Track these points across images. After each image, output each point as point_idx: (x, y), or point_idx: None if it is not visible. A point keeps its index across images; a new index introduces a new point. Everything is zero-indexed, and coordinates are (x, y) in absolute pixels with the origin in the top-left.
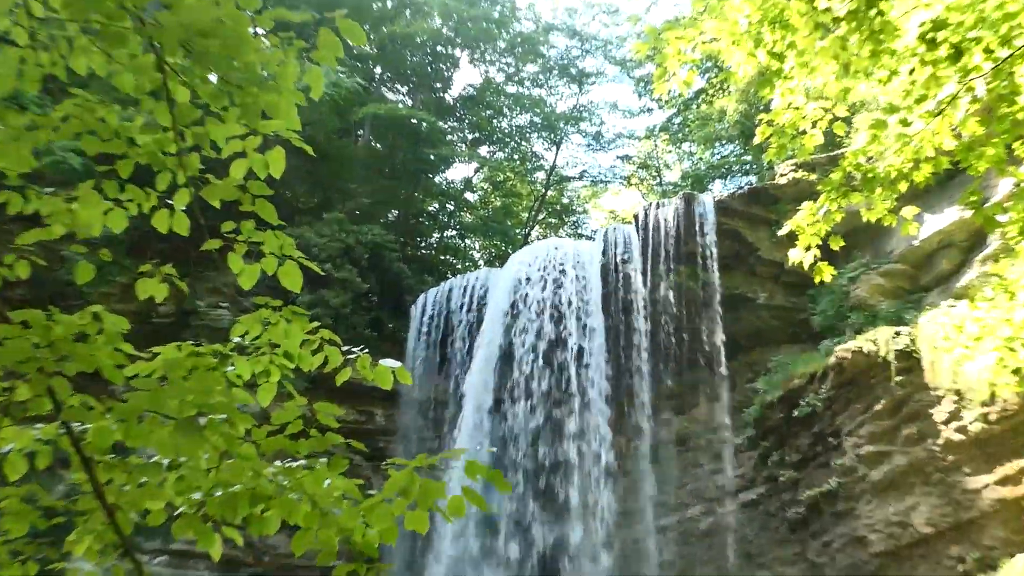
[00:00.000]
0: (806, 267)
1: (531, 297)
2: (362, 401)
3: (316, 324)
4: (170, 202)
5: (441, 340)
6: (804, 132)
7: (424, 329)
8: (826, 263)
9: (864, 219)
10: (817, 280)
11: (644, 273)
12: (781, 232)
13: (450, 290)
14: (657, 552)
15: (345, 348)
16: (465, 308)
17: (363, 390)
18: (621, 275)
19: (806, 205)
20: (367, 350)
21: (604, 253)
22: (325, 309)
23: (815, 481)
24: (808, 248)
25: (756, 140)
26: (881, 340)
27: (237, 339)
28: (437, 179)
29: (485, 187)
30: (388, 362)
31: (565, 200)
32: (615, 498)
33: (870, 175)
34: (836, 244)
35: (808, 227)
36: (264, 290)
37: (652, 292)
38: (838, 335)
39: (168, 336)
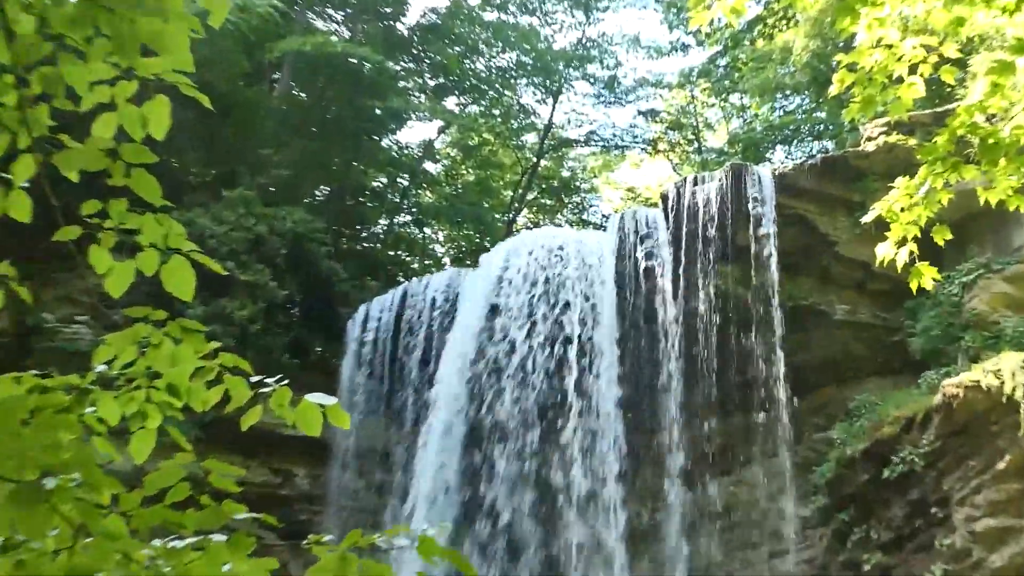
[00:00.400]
0: (899, 268)
1: (516, 310)
2: (278, 455)
3: (215, 345)
4: (6, 175)
5: (390, 369)
6: (900, 80)
7: (366, 354)
8: (927, 264)
9: (982, 202)
10: (915, 287)
11: (675, 276)
12: (866, 219)
13: (403, 299)
14: None
15: (254, 379)
16: (424, 325)
17: (279, 440)
18: (643, 279)
19: (900, 182)
20: (287, 382)
21: (619, 248)
22: (226, 326)
23: (914, 569)
24: (902, 243)
25: (833, 91)
26: (1007, 371)
27: (101, 367)
28: (385, 143)
29: (452, 154)
30: (316, 397)
31: (565, 173)
32: None
33: (990, 140)
34: (942, 237)
35: (903, 213)
36: (141, 298)
37: (686, 303)
38: (946, 364)
39: (1, 364)
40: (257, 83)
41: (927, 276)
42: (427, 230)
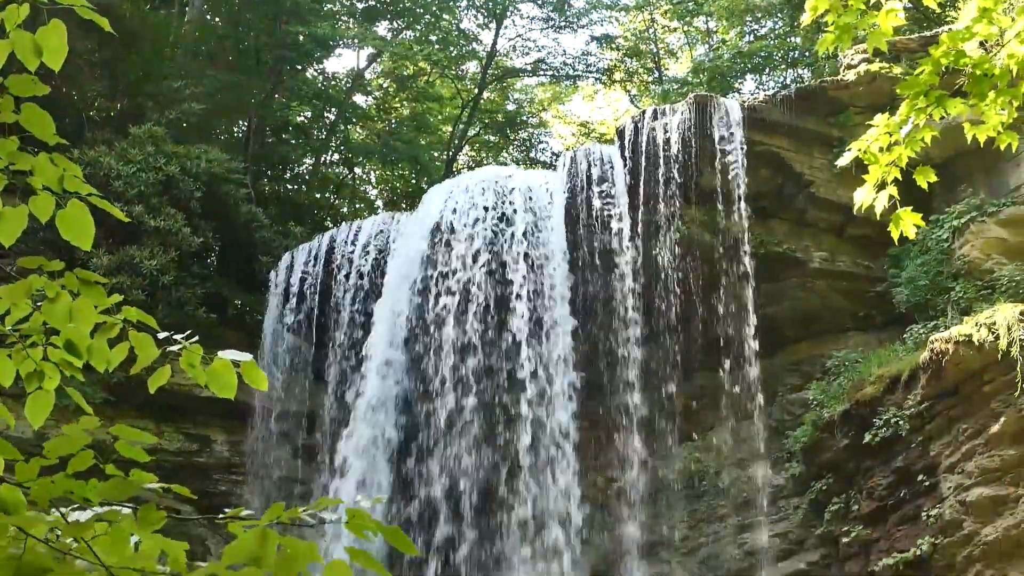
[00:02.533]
0: (878, 215)
1: (456, 259)
2: (194, 420)
3: (117, 299)
4: None
5: (317, 324)
6: (878, 5)
7: (290, 307)
8: (910, 210)
9: (970, 139)
10: (897, 236)
11: (633, 221)
12: (842, 162)
13: (331, 247)
14: None
15: (162, 335)
16: (354, 275)
17: (195, 403)
18: (597, 224)
19: (879, 119)
20: (196, 339)
21: (571, 189)
22: (134, 277)
23: (898, 543)
24: (882, 186)
25: (805, 19)
26: (1002, 324)
27: None
28: (310, 73)
29: (385, 86)
30: (231, 354)
31: (511, 107)
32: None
33: (979, 71)
34: (925, 179)
35: (882, 154)
36: (35, 247)
37: (645, 251)
38: (934, 317)
39: None
40: (165, 7)
41: (909, 223)
42: (357, 170)
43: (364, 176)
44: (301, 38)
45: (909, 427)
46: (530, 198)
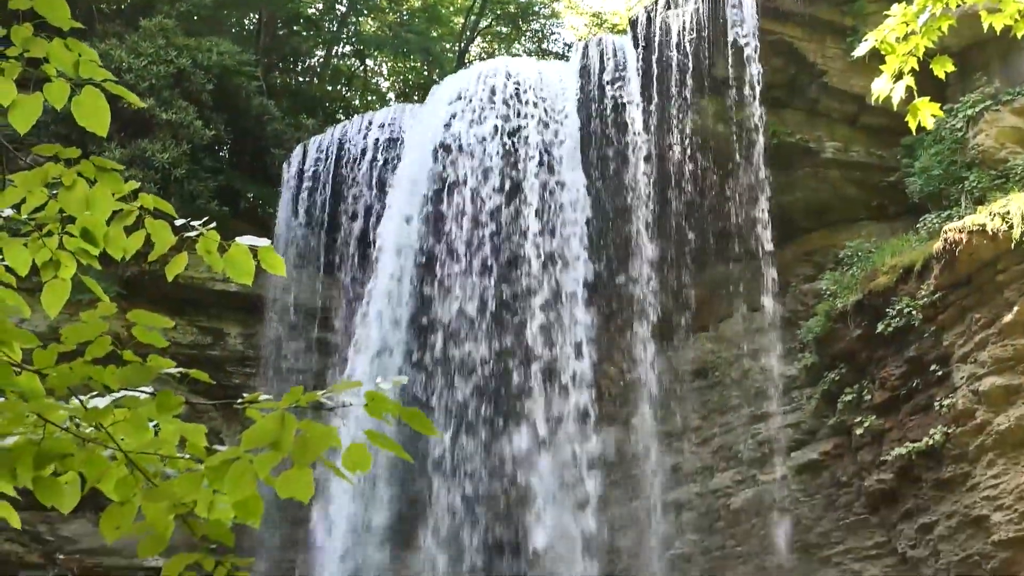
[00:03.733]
0: (895, 106)
1: (468, 149)
2: (208, 313)
3: (135, 186)
4: None
5: (329, 217)
6: None
7: (302, 200)
8: (927, 100)
9: (986, 28)
10: (914, 126)
11: (646, 112)
12: (858, 52)
13: (342, 140)
14: (664, 543)
15: (180, 221)
16: (366, 167)
17: (209, 296)
18: (610, 116)
19: (896, 9)
20: (214, 225)
21: (584, 80)
22: (146, 170)
23: (910, 433)
24: (899, 76)
25: None
26: (1016, 213)
27: (8, 212)
28: None
29: None
30: (248, 240)
31: None
32: (601, 462)
33: None
34: (942, 68)
35: (899, 43)
36: (50, 136)
37: (658, 142)
38: (948, 207)
39: None
40: None
41: (926, 113)
42: (369, 62)
43: (376, 68)
44: None
45: (922, 317)
46: (542, 90)
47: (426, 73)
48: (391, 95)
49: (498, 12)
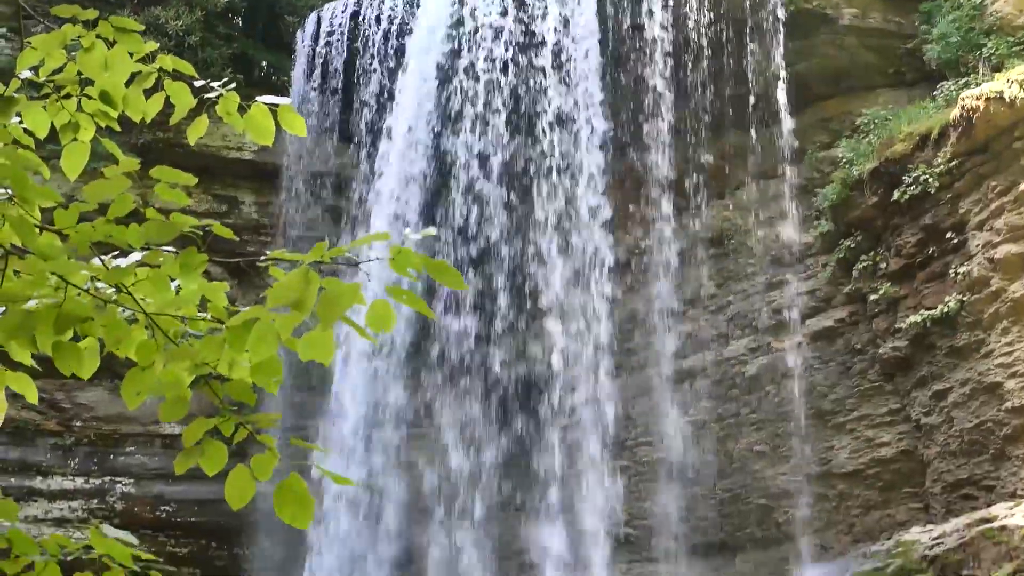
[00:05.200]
0: None
1: (483, 15)
2: (223, 181)
3: (153, 47)
4: None
5: (344, 84)
6: None
7: (317, 67)
8: None
9: None
10: None
11: None
12: None
13: (357, 4)
14: (679, 409)
15: (199, 82)
16: (381, 32)
17: (224, 164)
18: None
19: None
20: (233, 87)
21: None
22: (160, 38)
23: (925, 300)
24: None
25: None
26: None
27: (26, 73)
28: None
29: None
30: (269, 99)
31: None
32: (615, 326)
33: None
34: None
35: None
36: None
37: (675, 8)
38: (966, 74)
39: None
40: None
41: None
42: None
43: None
44: None
45: (938, 184)
46: None
47: None
48: None
49: None
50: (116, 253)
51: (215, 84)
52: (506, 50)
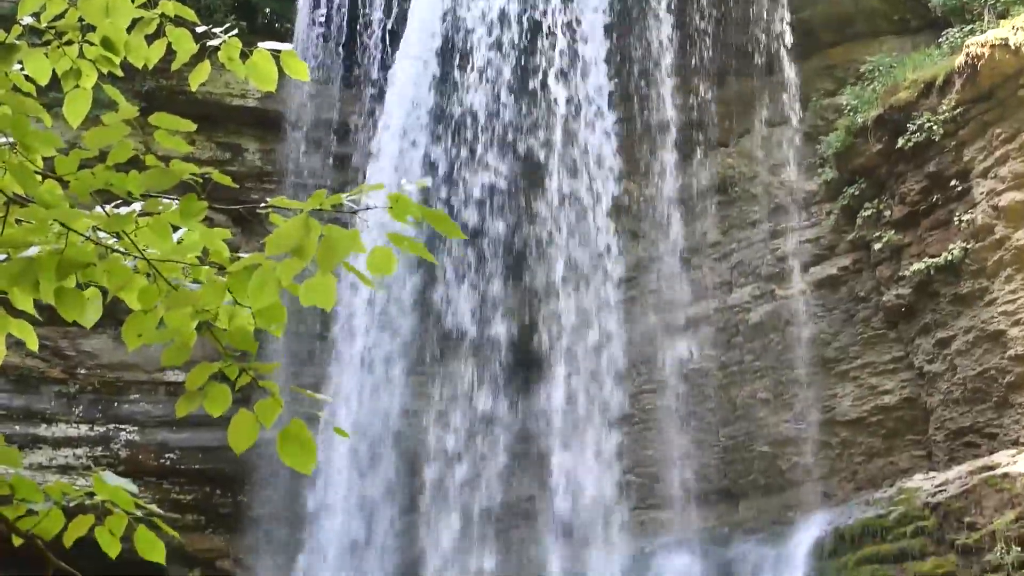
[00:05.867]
0: None
1: None
2: (226, 128)
3: None
4: None
5: (348, 30)
6: None
7: (320, 14)
8: None
9: None
10: None
11: None
12: None
13: None
14: (679, 359)
15: (201, 28)
16: None
17: (227, 111)
18: None
19: None
20: (236, 33)
21: None
22: None
23: (929, 248)
24: None
25: None
26: None
27: (27, 20)
28: None
29: None
30: (271, 45)
31: None
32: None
33: None
34: None
35: None
36: None
37: None
38: (971, 21)
39: None
40: None
41: None
42: None
43: None
44: None
45: (943, 132)
46: None
47: None
48: None
49: None
50: (118, 203)
51: (217, 31)
52: (510, 28)
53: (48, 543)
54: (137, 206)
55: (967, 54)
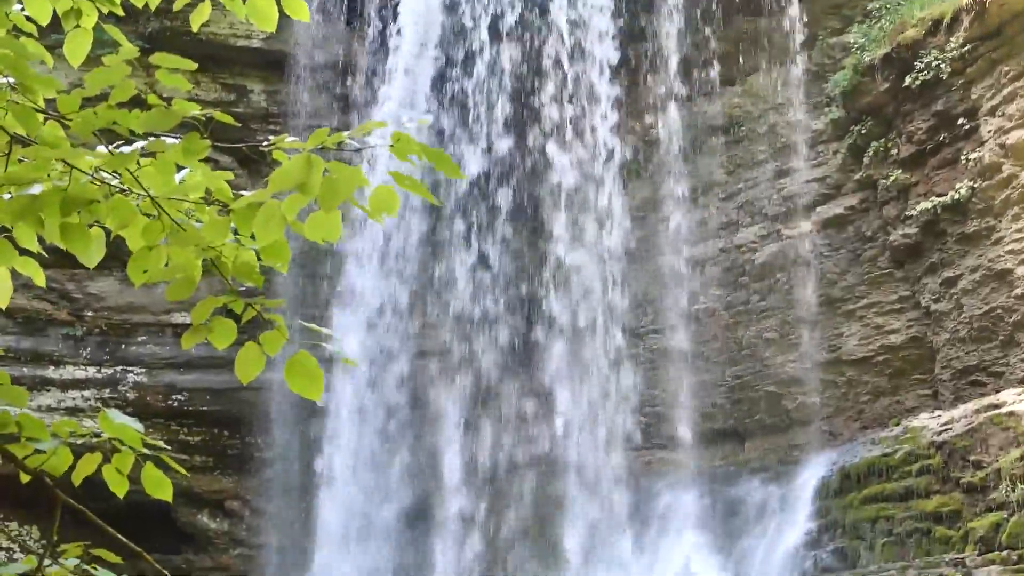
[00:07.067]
0: None
1: None
2: (230, 70)
3: None
4: None
5: None
6: None
7: None
8: None
9: None
10: None
11: None
12: None
13: None
14: (687, 298)
15: None
16: None
17: (231, 52)
18: None
19: None
20: None
21: None
22: None
23: (936, 187)
24: None
25: None
26: None
27: None
28: None
29: None
30: None
31: None
32: (625, 214)
33: None
34: None
35: None
36: None
37: None
38: None
39: None
40: None
41: None
42: None
43: None
44: None
45: (950, 70)
46: None
47: None
48: None
49: None
50: (120, 143)
51: None
52: None
53: (56, 484)
54: (140, 145)
55: None
